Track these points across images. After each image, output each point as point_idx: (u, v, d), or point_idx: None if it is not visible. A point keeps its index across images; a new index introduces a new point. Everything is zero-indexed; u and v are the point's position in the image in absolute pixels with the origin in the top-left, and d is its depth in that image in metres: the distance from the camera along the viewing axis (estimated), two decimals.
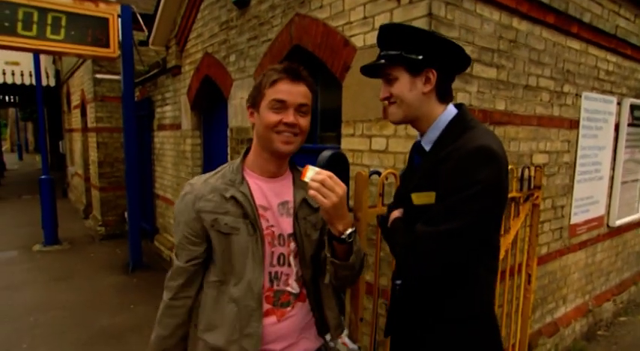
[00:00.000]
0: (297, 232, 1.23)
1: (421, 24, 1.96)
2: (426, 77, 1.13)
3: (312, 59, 2.89)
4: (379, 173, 1.75)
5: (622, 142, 3.84)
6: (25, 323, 3.84)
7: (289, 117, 1.13)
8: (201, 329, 1.24)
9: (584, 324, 3.70)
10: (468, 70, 2.09)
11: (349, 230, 1.10)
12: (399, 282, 1.28)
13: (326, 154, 1.60)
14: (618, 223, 3.97)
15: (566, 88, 2.98)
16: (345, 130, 2.52)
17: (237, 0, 3.51)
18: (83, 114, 8.32)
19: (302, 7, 2.82)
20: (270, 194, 1.22)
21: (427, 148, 1.18)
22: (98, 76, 6.78)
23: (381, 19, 2.19)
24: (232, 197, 1.16)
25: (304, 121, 1.17)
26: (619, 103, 3.73)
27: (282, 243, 1.22)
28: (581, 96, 3.17)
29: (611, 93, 3.59)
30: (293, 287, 1.24)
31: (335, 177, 1.06)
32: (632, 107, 3.88)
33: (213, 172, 1.25)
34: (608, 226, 3.91)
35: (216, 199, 1.17)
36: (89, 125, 7.74)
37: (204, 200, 1.17)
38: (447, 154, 1.07)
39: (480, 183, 1.00)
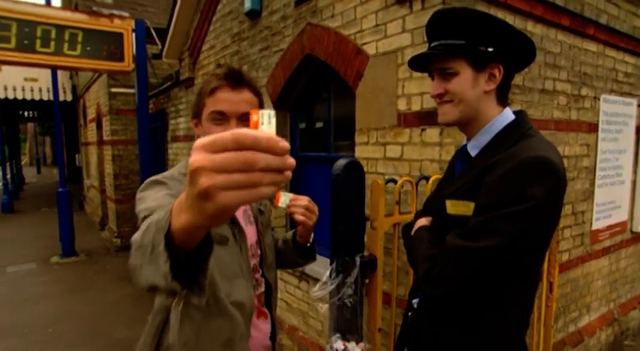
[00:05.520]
0: (261, 238, 1.21)
1: None
2: (490, 74, 0.99)
3: (324, 68, 2.90)
4: (395, 181, 1.73)
5: None
6: (43, 335, 3.87)
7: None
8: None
9: (610, 333, 3.57)
10: None
11: (312, 236, 1.28)
12: (415, 300, 1.17)
13: (341, 162, 1.58)
14: None
15: (584, 91, 2.92)
16: (358, 138, 2.50)
17: (249, 11, 3.55)
18: (99, 127, 8.48)
19: (314, 16, 2.83)
20: None
21: (473, 153, 1.05)
22: (113, 89, 6.92)
23: (393, 27, 2.18)
24: None
25: None
26: (639, 105, 3.63)
27: (254, 253, 1.17)
28: (599, 99, 3.10)
29: (631, 95, 3.50)
30: (262, 288, 1.21)
31: (310, 199, 1.14)
32: None
33: (174, 175, 1.07)
34: (631, 231, 3.79)
35: None
36: (105, 138, 7.88)
37: None
38: (495, 162, 0.93)
39: (531, 199, 0.86)
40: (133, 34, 4.93)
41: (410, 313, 1.18)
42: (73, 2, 8.66)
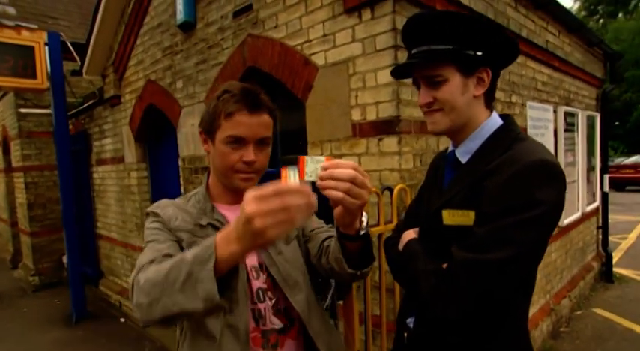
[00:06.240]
0: (267, 260, 1.07)
1: (386, 39, 1.95)
2: (479, 78, 0.96)
3: (268, 80, 2.80)
4: None
5: (561, 146, 4.12)
6: None
7: (249, 155, 0.99)
8: None
9: (549, 323, 3.82)
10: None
11: (364, 219, 0.91)
12: (410, 320, 1.09)
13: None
14: (566, 222, 4.21)
15: (514, 99, 3.14)
16: (311, 151, 2.43)
17: (182, 23, 3.36)
18: (6, 152, 7.54)
19: (254, 27, 2.74)
20: None
21: (463, 159, 1.01)
22: (23, 110, 6.18)
23: (343, 37, 2.15)
24: (209, 224, 1.04)
25: (264, 157, 1.04)
26: (555, 111, 4.01)
27: (257, 275, 1.07)
28: (526, 105, 3.35)
29: (548, 102, 3.85)
30: (275, 323, 1.08)
31: (359, 167, 0.82)
32: (566, 114, 4.20)
33: (180, 198, 1.15)
34: (558, 226, 4.13)
35: (193, 223, 1.05)
36: (14, 165, 7.00)
37: (180, 220, 1.05)
38: (496, 167, 0.89)
39: (541, 205, 0.83)
40: (47, 48, 4.45)
41: (406, 334, 1.11)
42: None
